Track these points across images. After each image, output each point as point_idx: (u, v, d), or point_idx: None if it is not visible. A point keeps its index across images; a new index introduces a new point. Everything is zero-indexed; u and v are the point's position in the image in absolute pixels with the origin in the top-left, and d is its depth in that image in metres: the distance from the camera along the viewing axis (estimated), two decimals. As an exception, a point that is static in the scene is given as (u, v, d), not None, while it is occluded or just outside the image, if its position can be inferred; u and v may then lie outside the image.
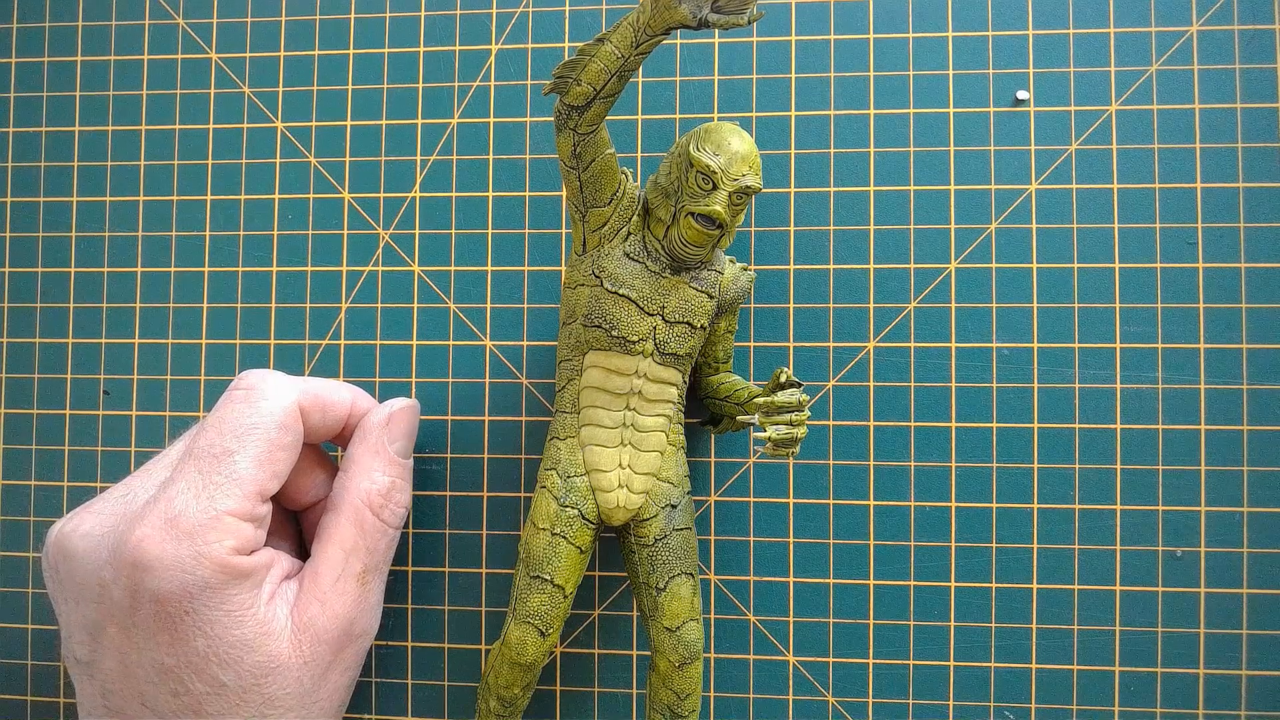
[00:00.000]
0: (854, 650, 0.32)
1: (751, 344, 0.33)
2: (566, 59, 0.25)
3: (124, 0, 0.35)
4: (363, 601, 0.28)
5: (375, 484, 0.29)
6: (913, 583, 0.32)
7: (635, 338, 0.27)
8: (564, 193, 0.29)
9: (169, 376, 0.34)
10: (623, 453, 0.28)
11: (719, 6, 0.23)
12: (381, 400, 0.32)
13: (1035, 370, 0.32)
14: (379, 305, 0.34)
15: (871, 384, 0.32)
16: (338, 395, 0.29)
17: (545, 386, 0.33)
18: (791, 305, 0.33)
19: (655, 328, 0.27)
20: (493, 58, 0.34)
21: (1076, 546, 0.32)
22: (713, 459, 0.33)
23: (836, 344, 0.32)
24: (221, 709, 0.25)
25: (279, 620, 0.26)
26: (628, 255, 0.27)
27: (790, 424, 0.26)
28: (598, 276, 0.27)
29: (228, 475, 0.25)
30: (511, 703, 0.28)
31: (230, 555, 0.25)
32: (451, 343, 0.33)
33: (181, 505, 0.25)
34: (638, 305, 0.27)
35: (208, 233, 0.34)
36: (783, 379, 0.26)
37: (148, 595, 0.24)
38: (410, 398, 0.33)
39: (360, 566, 0.28)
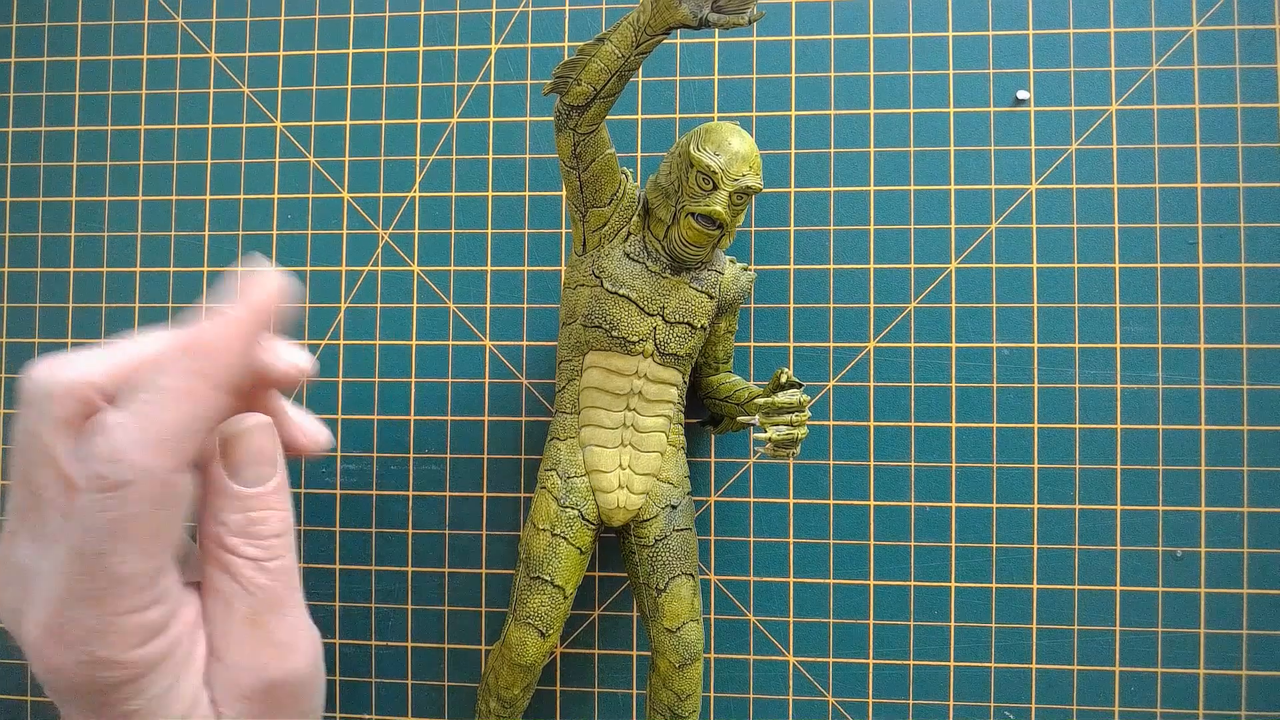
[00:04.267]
0: (854, 650, 0.32)
1: (751, 344, 0.33)
2: (566, 59, 0.25)
3: (123, 0, 0.35)
4: (263, 645, 0.25)
5: (222, 524, 0.25)
6: (913, 583, 0.32)
7: (635, 338, 0.27)
8: (564, 193, 0.29)
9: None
10: (623, 453, 0.28)
11: (719, 6, 0.23)
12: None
13: (1035, 370, 0.32)
14: (378, 305, 0.34)
15: (871, 384, 0.32)
16: (203, 406, 0.23)
17: (545, 387, 0.33)
18: (791, 305, 0.33)
19: (655, 328, 0.27)
20: (492, 57, 0.34)
21: (1076, 546, 0.32)
22: (713, 459, 0.33)
23: (836, 344, 0.32)
24: None
25: (201, 691, 0.24)
26: (628, 255, 0.27)
27: (790, 424, 0.26)
28: (598, 277, 0.27)
29: (111, 578, 0.21)
30: (511, 703, 0.28)
31: (133, 651, 0.22)
32: (451, 343, 0.33)
33: (70, 613, 0.21)
34: (638, 305, 0.27)
35: (207, 232, 0.34)
36: (783, 379, 0.26)
37: (63, 689, 0.22)
38: (257, 416, 0.27)
39: (245, 610, 0.25)
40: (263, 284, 0.23)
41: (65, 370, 0.23)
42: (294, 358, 0.27)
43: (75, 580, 0.21)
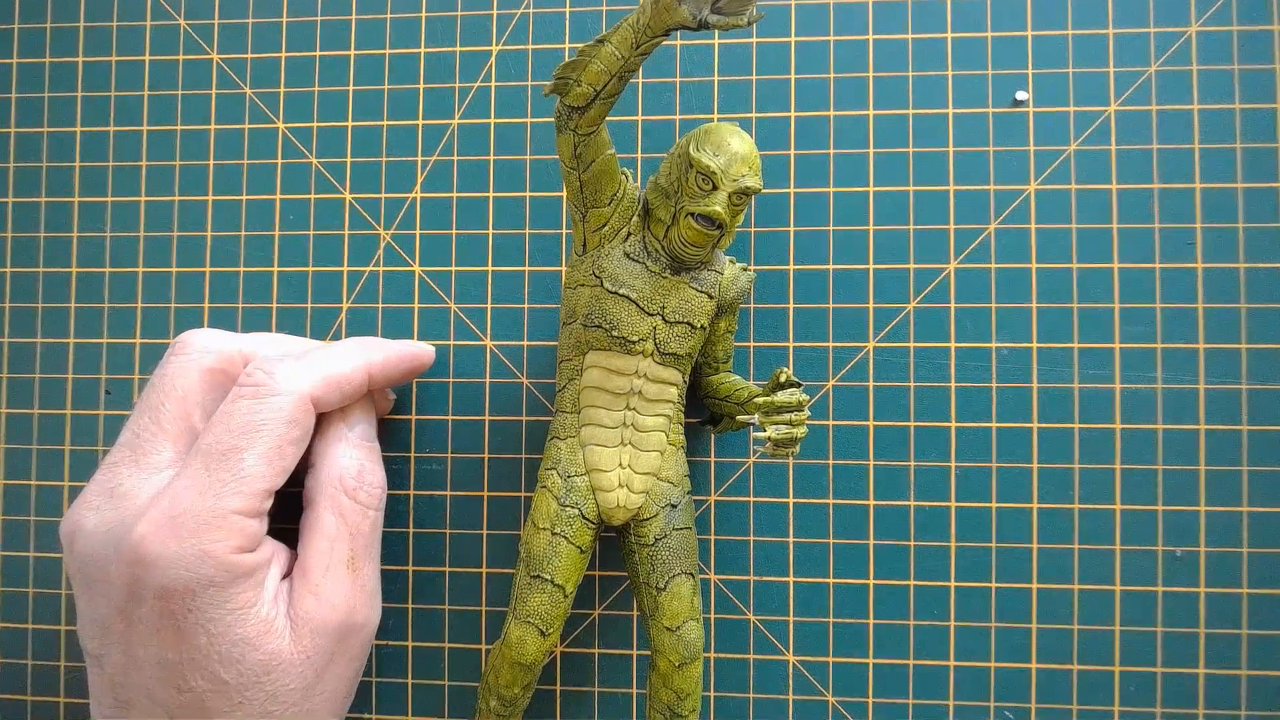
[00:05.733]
0: (854, 650, 0.32)
1: (751, 344, 0.33)
2: (567, 60, 0.25)
3: (125, 1, 0.35)
4: (357, 588, 0.28)
5: (343, 468, 0.29)
6: (913, 583, 0.32)
7: (635, 338, 0.27)
8: (564, 193, 0.29)
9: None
10: (623, 452, 0.28)
11: (719, 8, 0.23)
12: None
13: (1035, 370, 0.32)
14: (380, 305, 0.34)
15: (871, 384, 0.32)
16: (349, 367, 0.28)
17: (545, 386, 0.33)
18: (791, 305, 0.33)
19: (655, 328, 0.27)
20: (493, 59, 0.34)
21: (1076, 546, 0.32)
22: (713, 459, 0.33)
23: (836, 344, 0.32)
24: (224, 706, 0.25)
25: (280, 618, 0.26)
26: (628, 255, 0.27)
27: (790, 424, 0.26)
28: (598, 277, 0.27)
29: (234, 473, 0.25)
30: (512, 702, 0.28)
31: (234, 554, 0.25)
32: (452, 343, 0.34)
33: (186, 503, 0.25)
34: (638, 305, 0.27)
35: (209, 233, 0.35)
36: (783, 379, 0.26)
37: (150, 592, 0.24)
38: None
39: (347, 552, 0.28)
40: (423, 354, 0.32)
41: (223, 338, 0.29)
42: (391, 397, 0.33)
43: (203, 475, 0.25)
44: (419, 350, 0.31)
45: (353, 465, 0.29)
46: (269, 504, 0.27)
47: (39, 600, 0.34)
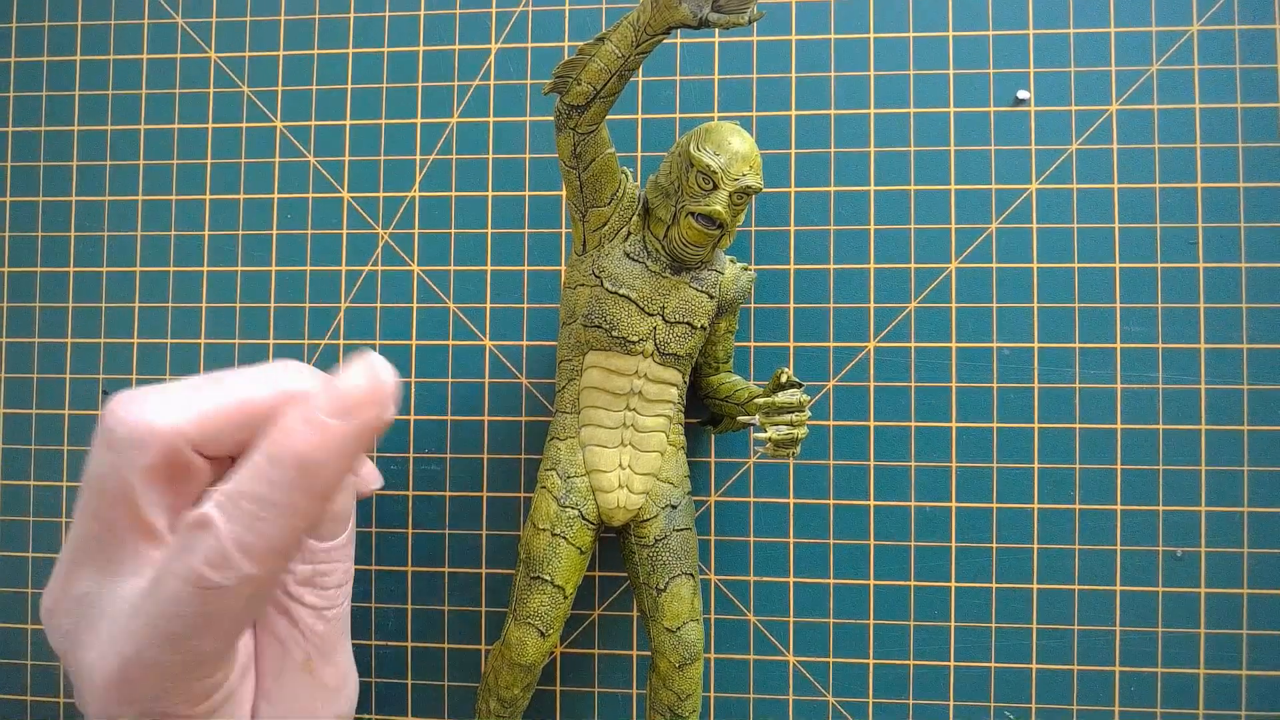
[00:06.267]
0: (854, 650, 0.32)
1: (751, 344, 0.33)
2: (566, 58, 0.25)
3: (123, 0, 0.35)
4: (316, 690, 0.25)
5: (293, 574, 0.25)
6: (913, 583, 0.32)
7: (635, 338, 0.27)
8: (564, 193, 0.29)
9: (168, 376, 0.34)
10: (623, 453, 0.28)
11: (719, 6, 0.23)
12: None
13: (1035, 370, 0.32)
14: (378, 305, 0.34)
15: (871, 384, 0.32)
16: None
17: (545, 386, 0.33)
18: (791, 305, 0.33)
19: (655, 328, 0.27)
20: (492, 57, 0.34)
21: (1076, 546, 0.32)
22: (713, 459, 0.33)
23: (836, 344, 0.32)
24: None
25: None
26: (628, 255, 0.27)
27: (791, 424, 0.26)
28: (598, 276, 0.27)
29: (192, 657, 0.21)
30: (511, 703, 0.28)
31: (200, 704, 0.22)
32: (451, 343, 0.33)
33: (140, 675, 0.21)
34: (638, 305, 0.27)
35: (206, 232, 0.34)
36: (783, 379, 0.26)
37: None
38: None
39: (301, 655, 0.25)
40: (376, 399, 0.21)
41: (155, 417, 0.22)
42: (371, 475, 0.27)
43: (155, 650, 0.21)
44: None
45: (303, 570, 0.25)
46: (241, 635, 0.23)
47: (38, 600, 0.34)
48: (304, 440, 0.20)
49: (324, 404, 0.20)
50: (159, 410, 0.22)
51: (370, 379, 0.21)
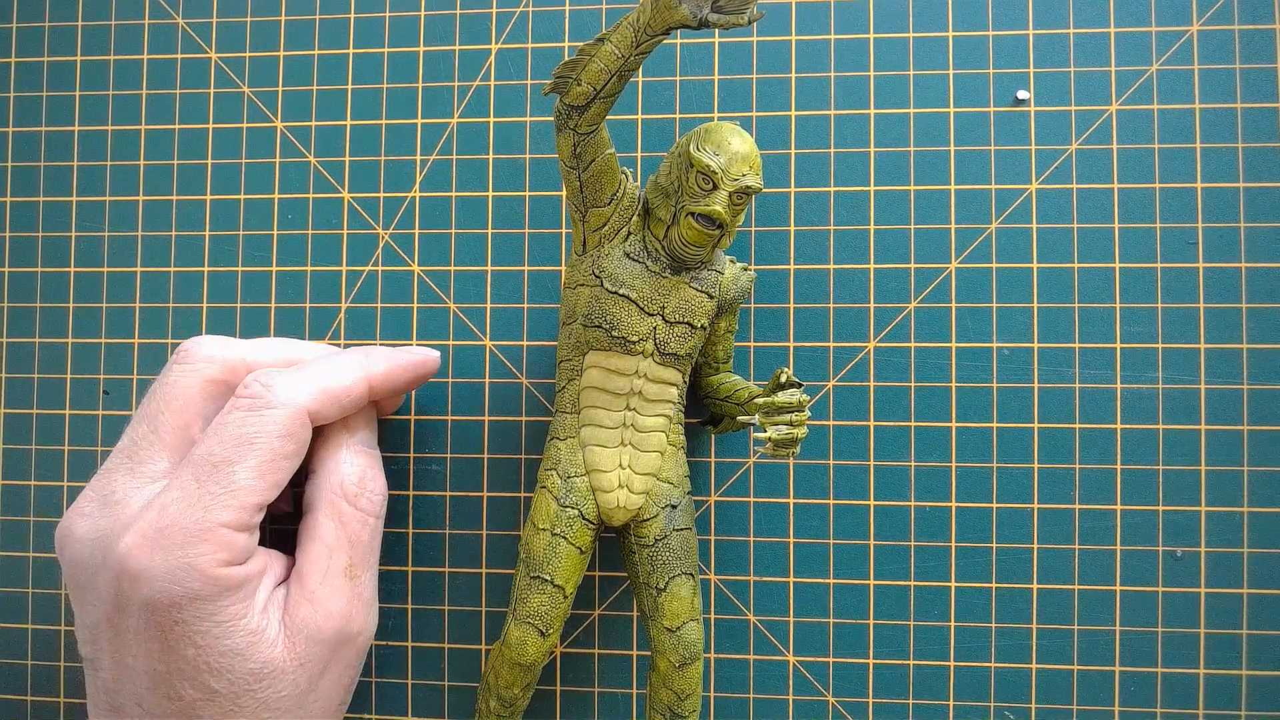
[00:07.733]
0: (854, 650, 0.32)
1: (751, 344, 0.33)
2: (566, 59, 0.25)
3: (123, 0, 0.35)
4: (354, 597, 0.28)
5: (344, 475, 0.28)
6: (913, 583, 0.32)
7: (635, 338, 0.27)
8: (564, 193, 0.29)
9: (169, 376, 0.34)
10: (623, 453, 0.28)
11: (719, 6, 0.23)
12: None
13: (1035, 370, 0.32)
14: (379, 305, 0.34)
15: (871, 384, 0.32)
16: (349, 380, 0.28)
17: (545, 386, 0.33)
18: (791, 305, 0.33)
19: (655, 328, 0.27)
20: (493, 57, 0.34)
21: (1076, 546, 0.32)
22: (713, 459, 0.33)
23: (836, 344, 0.32)
24: (216, 714, 0.25)
25: (271, 627, 0.26)
26: (628, 255, 0.27)
27: (790, 424, 0.26)
28: (598, 276, 0.27)
29: (225, 486, 0.25)
30: (511, 703, 0.28)
31: (221, 568, 0.25)
32: (451, 343, 0.33)
33: (174, 515, 0.24)
34: (638, 305, 0.27)
35: (207, 232, 0.34)
36: (783, 379, 0.26)
37: (136, 603, 0.24)
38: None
39: (346, 560, 0.28)
40: (426, 361, 0.31)
41: (227, 346, 0.28)
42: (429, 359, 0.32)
43: (193, 487, 0.25)
44: (422, 359, 0.30)
45: (354, 472, 0.28)
46: (260, 517, 0.26)
47: (38, 600, 0.34)
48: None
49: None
50: (227, 342, 0.29)
51: (424, 354, 0.31)
